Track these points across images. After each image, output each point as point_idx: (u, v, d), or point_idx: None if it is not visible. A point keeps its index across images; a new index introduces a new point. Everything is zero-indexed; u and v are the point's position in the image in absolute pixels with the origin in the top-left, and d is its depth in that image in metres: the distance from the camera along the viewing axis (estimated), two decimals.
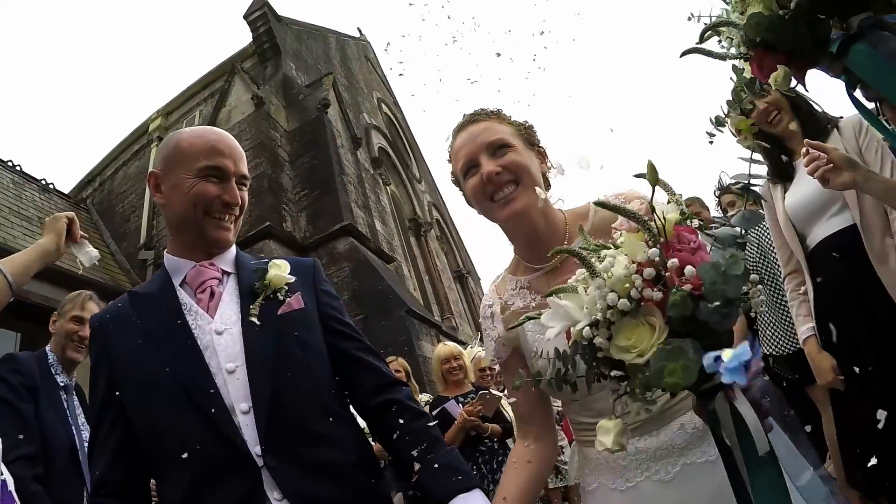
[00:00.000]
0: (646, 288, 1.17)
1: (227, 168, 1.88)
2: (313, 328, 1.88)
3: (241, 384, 1.68)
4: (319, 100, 15.28)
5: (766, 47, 1.64)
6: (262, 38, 17.00)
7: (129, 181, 16.76)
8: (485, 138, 1.81)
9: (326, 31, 22.45)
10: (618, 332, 1.20)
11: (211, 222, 1.87)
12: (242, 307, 1.82)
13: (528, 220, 1.79)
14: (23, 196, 12.43)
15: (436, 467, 1.71)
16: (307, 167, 13.88)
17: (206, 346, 1.73)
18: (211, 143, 1.91)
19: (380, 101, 24.40)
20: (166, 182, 1.89)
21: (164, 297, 1.84)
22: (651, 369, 1.15)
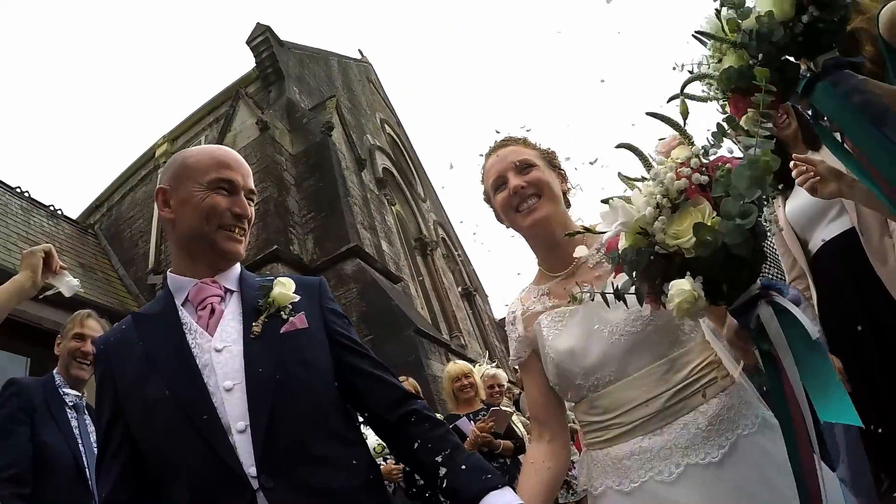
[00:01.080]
0: (694, 173, 1.43)
1: (236, 181, 1.90)
2: (318, 348, 1.87)
3: (238, 402, 1.65)
4: (323, 123, 15.42)
5: (740, 92, 1.76)
6: (265, 62, 17.19)
7: (136, 206, 16.89)
8: (512, 158, 2.10)
9: (328, 54, 22.65)
10: (670, 224, 1.42)
11: (223, 234, 1.86)
12: (245, 325, 1.81)
13: (547, 228, 2.04)
14: (31, 222, 12.51)
15: (463, 468, 1.71)
16: (313, 190, 13.98)
17: (205, 365, 1.71)
18: (219, 157, 1.94)
19: (383, 121, 24.56)
20: (175, 197, 1.88)
21: (166, 318, 1.82)
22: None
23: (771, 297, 1.38)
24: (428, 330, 12.37)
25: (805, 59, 1.77)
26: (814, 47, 1.73)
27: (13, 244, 10.91)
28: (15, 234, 11.35)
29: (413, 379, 6.36)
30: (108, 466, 1.71)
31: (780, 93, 1.75)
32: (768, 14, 1.68)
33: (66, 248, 13.06)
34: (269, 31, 17.38)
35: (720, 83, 1.81)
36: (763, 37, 1.67)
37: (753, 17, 1.70)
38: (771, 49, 1.69)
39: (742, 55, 1.76)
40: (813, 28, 1.68)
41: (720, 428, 1.66)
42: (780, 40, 1.67)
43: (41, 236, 12.21)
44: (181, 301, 1.86)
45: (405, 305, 12.62)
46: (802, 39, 1.69)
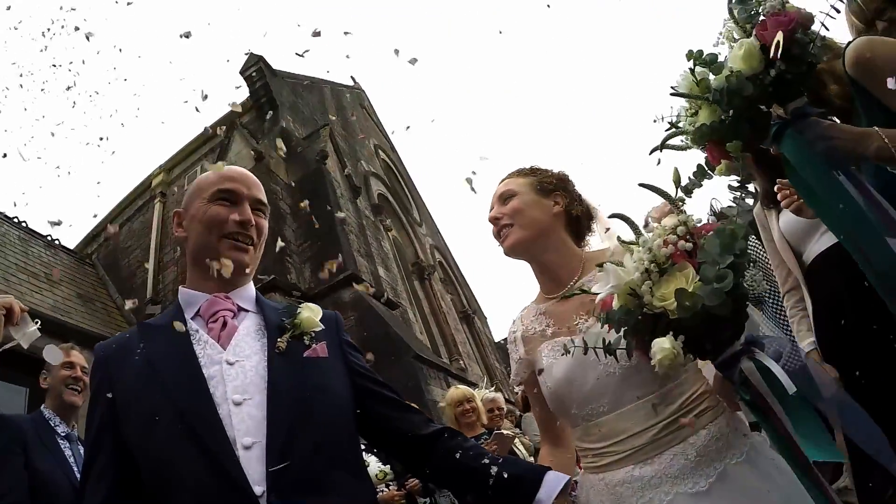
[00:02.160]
0: (680, 241, 1.53)
1: (238, 191, 1.92)
2: (337, 378, 1.85)
3: (246, 417, 1.60)
4: (317, 151, 15.54)
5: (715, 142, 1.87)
6: (258, 92, 17.32)
7: (133, 236, 16.93)
8: (500, 191, 2.26)
9: (321, 83, 22.77)
10: (657, 287, 1.52)
11: (226, 243, 1.86)
12: (267, 343, 1.78)
13: (523, 254, 2.19)
14: (29, 252, 12.50)
15: (513, 462, 1.82)
16: (308, 219, 14.02)
17: (212, 376, 1.66)
18: (223, 172, 1.98)
19: (377, 147, 24.67)
20: (186, 217, 1.94)
21: (173, 331, 1.77)
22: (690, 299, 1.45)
23: (752, 353, 1.49)
24: (427, 355, 12.36)
25: (777, 104, 1.87)
26: (784, 95, 1.84)
27: (12, 274, 10.92)
28: (14, 265, 11.37)
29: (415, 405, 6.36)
30: (96, 485, 1.60)
31: (748, 145, 1.87)
32: (737, 74, 1.78)
33: (65, 277, 13.07)
34: (262, 61, 17.51)
35: (695, 140, 1.92)
36: (733, 93, 1.78)
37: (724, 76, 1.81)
38: (742, 102, 1.79)
39: (715, 109, 1.86)
40: (782, 79, 1.78)
41: (709, 458, 1.70)
42: (751, 94, 1.78)
43: (39, 266, 12.21)
44: (191, 314, 1.84)
45: (404, 331, 12.64)
46: (772, 89, 1.80)
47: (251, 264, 1.93)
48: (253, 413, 1.61)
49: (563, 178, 2.27)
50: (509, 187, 2.23)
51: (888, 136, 1.88)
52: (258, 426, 1.59)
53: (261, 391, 1.66)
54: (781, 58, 1.76)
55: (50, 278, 11.95)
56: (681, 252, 1.54)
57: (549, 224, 2.15)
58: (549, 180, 2.24)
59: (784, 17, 1.76)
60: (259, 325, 1.85)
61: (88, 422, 1.73)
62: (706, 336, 1.50)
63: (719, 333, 1.51)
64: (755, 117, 1.85)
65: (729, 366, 1.50)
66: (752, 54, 1.78)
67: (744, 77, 1.78)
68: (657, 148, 1.97)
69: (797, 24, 1.78)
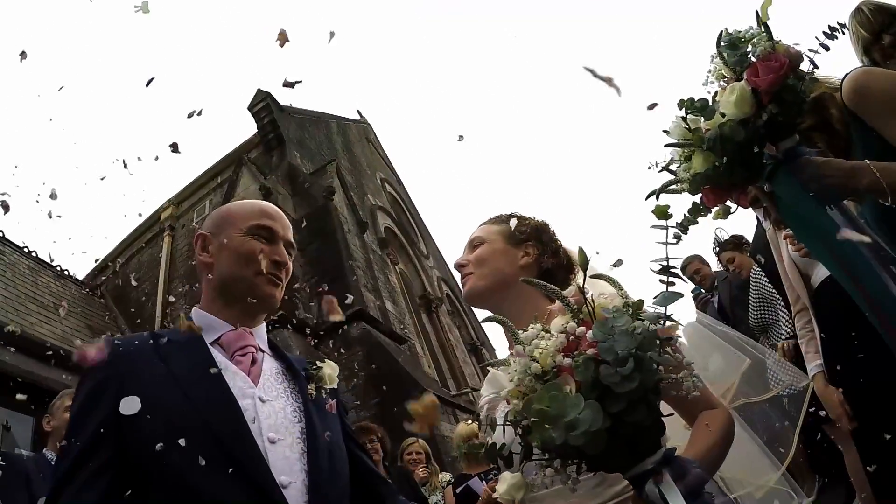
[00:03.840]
0: (558, 354, 1.29)
1: (276, 230, 1.92)
2: (342, 436, 1.87)
3: (281, 457, 1.60)
4: (324, 187, 15.62)
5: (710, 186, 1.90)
6: (266, 128, 17.48)
7: (142, 269, 17.03)
8: (470, 237, 2.21)
9: (328, 117, 22.97)
10: (537, 399, 1.26)
11: (262, 279, 1.84)
12: (289, 387, 1.80)
13: (479, 302, 2.12)
14: (38, 283, 12.57)
15: None
16: (316, 255, 14.08)
17: (246, 409, 1.62)
18: (262, 206, 1.98)
19: (383, 180, 24.79)
20: (214, 242, 1.88)
21: (195, 349, 1.73)
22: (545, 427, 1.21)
23: (660, 479, 1.26)
24: (436, 390, 12.31)
25: (770, 143, 1.91)
26: (776, 135, 1.87)
27: (21, 304, 10.93)
28: (23, 295, 11.39)
29: (423, 440, 6.36)
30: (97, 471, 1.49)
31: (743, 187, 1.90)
32: (729, 122, 1.81)
33: (74, 309, 13.12)
34: (269, 98, 17.69)
35: (691, 189, 1.95)
36: (726, 139, 1.81)
37: (716, 123, 1.84)
38: (735, 147, 1.82)
39: (709, 156, 1.88)
40: (773, 122, 1.82)
41: None
42: (744, 138, 1.81)
43: (49, 297, 12.25)
44: (210, 340, 1.78)
45: (412, 366, 12.59)
46: (764, 131, 1.84)
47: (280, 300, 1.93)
48: (287, 454, 1.63)
49: (538, 228, 2.19)
50: (480, 234, 2.19)
51: (879, 170, 1.90)
52: (291, 467, 1.61)
53: (291, 433, 1.68)
54: (773, 102, 1.79)
55: (59, 308, 11.95)
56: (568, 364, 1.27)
57: (512, 275, 2.05)
58: (522, 229, 2.16)
59: (775, 63, 1.79)
60: (279, 369, 1.85)
61: (82, 409, 1.59)
62: (595, 461, 1.26)
63: (613, 460, 1.26)
64: (748, 159, 1.88)
65: (638, 483, 1.29)
66: (744, 99, 1.81)
67: (736, 123, 1.82)
68: (654, 194, 2.00)
69: (788, 69, 1.82)
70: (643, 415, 1.20)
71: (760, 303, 5.27)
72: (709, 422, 1.67)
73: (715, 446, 1.62)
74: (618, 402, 1.18)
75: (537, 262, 2.10)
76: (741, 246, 5.82)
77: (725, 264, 6.07)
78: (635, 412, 1.19)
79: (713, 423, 1.66)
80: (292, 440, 1.67)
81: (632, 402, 1.18)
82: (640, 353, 1.20)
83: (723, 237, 6.10)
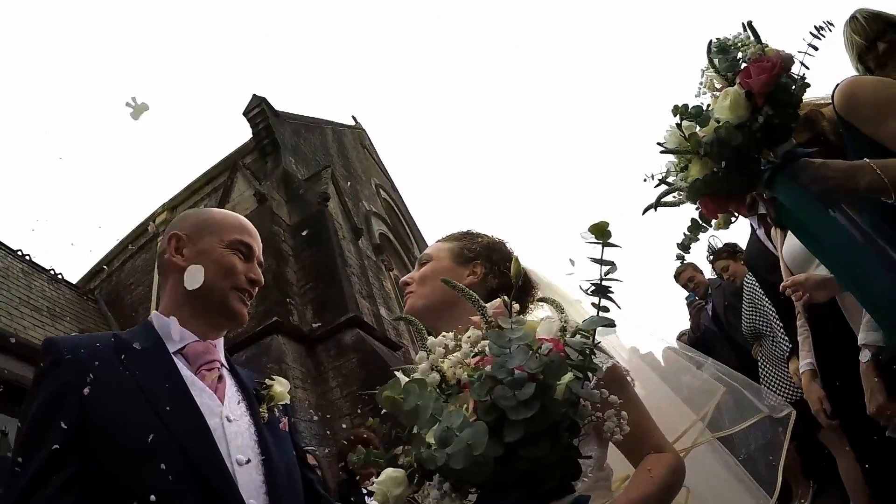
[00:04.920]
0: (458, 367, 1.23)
1: (254, 248, 1.92)
2: (294, 453, 1.86)
3: (249, 480, 1.58)
4: (319, 193, 15.59)
5: (710, 196, 1.89)
6: (261, 134, 17.41)
7: (136, 273, 16.98)
8: (420, 256, 2.20)
9: (323, 123, 22.94)
10: (391, 386, 1.26)
11: (235, 295, 1.84)
12: (246, 407, 1.76)
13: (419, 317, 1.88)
14: (32, 286, 12.58)
15: None
16: (311, 261, 14.02)
17: (214, 428, 1.60)
18: (241, 222, 1.96)
19: (378, 186, 24.76)
20: (191, 246, 1.85)
21: (161, 359, 1.67)
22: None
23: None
24: None
25: (766, 149, 1.90)
26: (772, 139, 1.87)
27: (15, 308, 10.96)
28: (17, 299, 11.41)
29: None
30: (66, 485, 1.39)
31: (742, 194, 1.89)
32: (725, 125, 1.80)
33: (68, 312, 13.08)
34: (265, 103, 17.66)
35: (690, 196, 1.93)
36: (724, 144, 1.79)
37: (712, 128, 1.83)
38: (732, 152, 1.81)
39: (706, 163, 1.87)
40: (769, 124, 1.82)
41: None
42: (740, 143, 1.80)
43: (42, 301, 12.27)
44: (173, 349, 1.73)
45: None
46: (760, 135, 1.83)
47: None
48: (253, 475, 1.62)
49: (489, 246, 2.12)
50: (429, 251, 2.17)
51: (880, 167, 1.92)
52: (258, 490, 1.60)
53: (255, 455, 1.66)
54: (768, 103, 1.79)
55: (52, 313, 11.96)
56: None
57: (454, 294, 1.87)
58: (471, 248, 2.11)
59: (767, 63, 1.79)
60: (236, 386, 1.82)
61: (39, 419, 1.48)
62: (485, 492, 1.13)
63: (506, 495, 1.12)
64: (746, 165, 1.87)
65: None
66: (738, 103, 1.81)
67: (732, 127, 1.81)
68: (651, 207, 1.99)
69: (780, 69, 1.82)
70: (545, 451, 1.06)
71: (753, 311, 5.29)
72: (652, 466, 1.58)
73: (652, 496, 1.51)
74: (514, 430, 1.04)
75: (483, 281, 2.03)
76: (735, 254, 5.85)
77: (720, 272, 6.10)
78: (535, 447, 1.05)
79: (656, 469, 1.57)
80: (257, 462, 1.65)
81: (532, 433, 1.05)
82: (547, 379, 1.07)
83: (717, 245, 6.13)
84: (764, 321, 5.20)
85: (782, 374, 4.98)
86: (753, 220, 3.87)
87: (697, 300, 6.84)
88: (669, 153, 1.95)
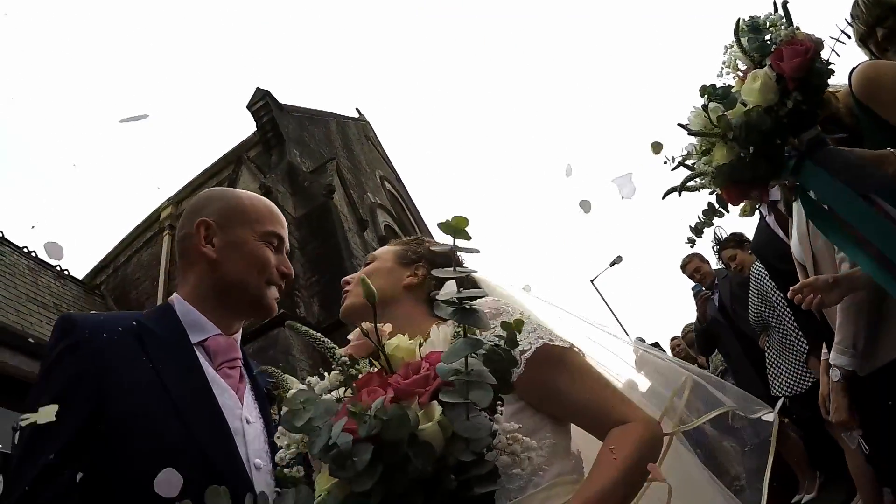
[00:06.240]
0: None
1: (283, 238, 1.86)
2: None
3: (265, 484, 1.50)
4: (324, 186, 15.56)
5: (731, 181, 1.84)
6: (265, 127, 17.40)
7: (142, 268, 16.97)
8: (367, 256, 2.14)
9: (327, 116, 22.90)
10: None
11: (270, 290, 1.78)
12: (261, 406, 1.70)
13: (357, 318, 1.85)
14: (39, 283, 12.61)
15: None
16: (316, 253, 14.00)
17: (235, 432, 1.53)
18: (271, 210, 1.87)
19: (382, 178, 24.72)
20: (222, 236, 1.75)
21: (183, 351, 1.59)
22: None
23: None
24: None
25: (791, 137, 1.86)
26: (798, 126, 1.82)
27: (22, 305, 11.00)
28: (24, 295, 11.46)
29: None
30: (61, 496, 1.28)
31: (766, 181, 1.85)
32: (756, 108, 1.75)
33: (74, 308, 13.11)
34: (268, 96, 17.64)
35: (716, 181, 1.87)
36: (752, 128, 1.74)
37: (742, 111, 1.79)
38: (760, 138, 1.77)
39: (732, 147, 1.82)
40: (797, 110, 1.77)
41: None
42: (768, 128, 1.76)
43: (49, 297, 12.31)
44: (196, 340, 1.65)
45: None
46: (787, 121, 1.79)
47: None
48: (268, 480, 1.54)
49: (434, 252, 2.07)
50: (375, 253, 2.13)
51: None
52: (271, 496, 1.43)
53: (268, 459, 1.58)
54: (798, 88, 1.74)
55: (59, 308, 11.96)
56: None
57: (391, 295, 1.92)
58: (416, 251, 2.07)
59: (801, 46, 1.74)
60: (250, 384, 1.74)
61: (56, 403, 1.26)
62: None
63: None
64: (772, 152, 1.83)
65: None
66: (768, 86, 1.75)
67: (762, 111, 1.77)
68: (675, 190, 1.95)
69: (814, 53, 1.77)
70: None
71: (761, 300, 5.26)
72: (616, 444, 1.40)
73: (617, 484, 1.33)
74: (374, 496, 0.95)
75: (423, 283, 1.98)
76: (742, 243, 5.79)
77: (727, 262, 6.05)
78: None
79: (620, 447, 1.39)
80: (269, 467, 1.57)
81: (397, 494, 0.95)
82: (389, 434, 0.95)
83: (722, 235, 6.09)
84: (771, 311, 5.17)
85: (789, 364, 4.95)
86: (763, 207, 3.84)
87: (704, 291, 6.79)
88: (695, 135, 1.88)
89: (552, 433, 1.54)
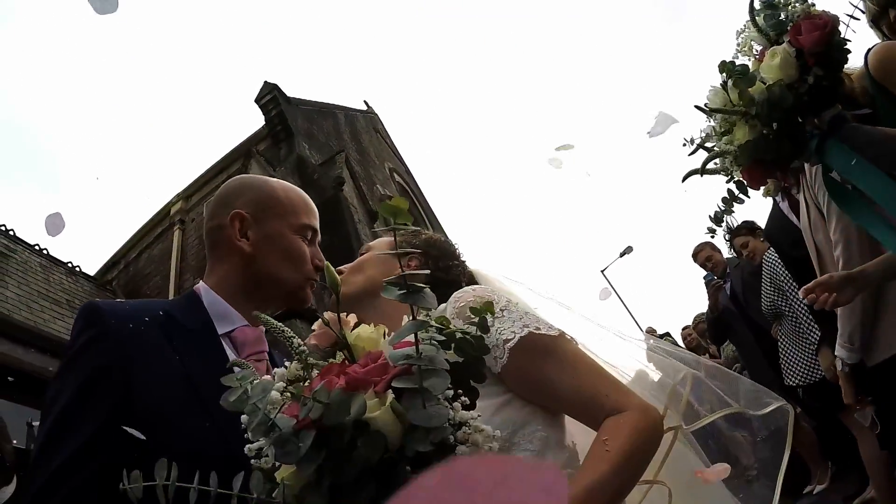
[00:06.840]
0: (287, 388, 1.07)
1: (317, 230, 1.83)
2: None
3: None
4: (333, 178, 15.57)
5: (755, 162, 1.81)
6: (274, 120, 17.36)
7: (153, 263, 16.98)
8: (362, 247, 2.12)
9: (335, 108, 22.87)
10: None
11: (308, 285, 1.75)
12: None
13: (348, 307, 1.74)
14: (51, 279, 12.62)
15: None
16: (327, 245, 13.82)
17: None
18: (306, 201, 1.84)
19: (392, 170, 24.72)
20: (257, 229, 1.70)
21: (210, 343, 1.55)
22: None
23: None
24: None
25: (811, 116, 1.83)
26: (820, 102, 1.79)
27: (34, 301, 10.99)
28: (36, 292, 11.45)
29: None
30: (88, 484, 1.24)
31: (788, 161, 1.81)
32: (779, 83, 1.71)
33: None
34: (276, 90, 17.62)
35: (739, 159, 1.82)
36: (775, 105, 1.69)
37: (764, 87, 1.75)
38: (782, 114, 1.72)
39: (754, 125, 1.77)
40: (817, 87, 1.74)
41: None
42: (790, 105, 1.72)
43: (61, 293, 12.34)
44: (222, 331, 1.60)
45: None
46: (808, 99, 1.75)
47: None
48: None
49: (430, 243, 2.04)
50: (371, 244, 2.10)
51: None
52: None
53: None
54: (818, 63, 1.71)
55: (72, 305, 12.01)
56: None
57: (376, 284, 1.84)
58: (410, 241, 2.04)
59: (819, 20, 1.70)
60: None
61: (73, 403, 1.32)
62: None
63: None
64: (793, 130, 1.78)
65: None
66: (788, 62, 1.72)
67: (784, 87, 1.73)
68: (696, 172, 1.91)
69: (833, 27, 1.74)
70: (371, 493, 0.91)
71: (774, 288, 5.21)
72: (609, 435, 1.30)
73: (607, 478, 1.23)
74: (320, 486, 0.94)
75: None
76: (754, 231, 5.75)
77: (738, 249, 6.01)
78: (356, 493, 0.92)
79: (613, 439, 1.29)
80: None
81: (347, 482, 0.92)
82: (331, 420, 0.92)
83: (734, 223, 6.06)
84: (784, 299, 5.13)
85: (802, 353, 4.91)
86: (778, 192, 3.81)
87: (716, 280, 6.76)
88: (717, 113, 1.82)
89: (543, 426, 1.47)
